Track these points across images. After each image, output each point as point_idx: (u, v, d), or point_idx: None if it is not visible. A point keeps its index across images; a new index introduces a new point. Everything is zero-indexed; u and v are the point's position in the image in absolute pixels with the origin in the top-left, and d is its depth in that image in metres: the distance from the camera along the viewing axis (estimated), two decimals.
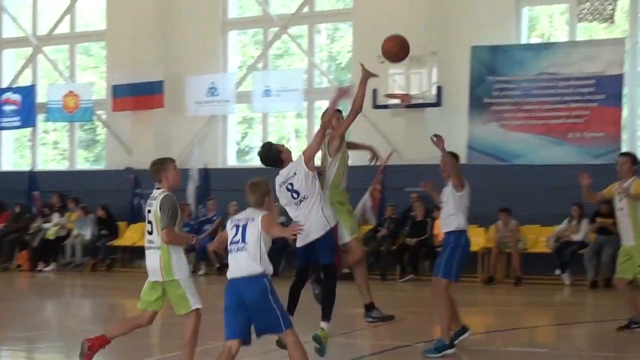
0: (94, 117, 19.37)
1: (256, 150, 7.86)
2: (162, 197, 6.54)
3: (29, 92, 19.68)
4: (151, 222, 6.54)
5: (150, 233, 6.55)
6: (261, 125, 18.53)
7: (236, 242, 5.98)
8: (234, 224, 6.07)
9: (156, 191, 6.64)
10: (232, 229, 6.06)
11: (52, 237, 17.79)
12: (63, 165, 20.38)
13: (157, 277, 6.50)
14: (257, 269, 5.90)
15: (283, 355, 6.40)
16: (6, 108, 19.75)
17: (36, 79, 20.38)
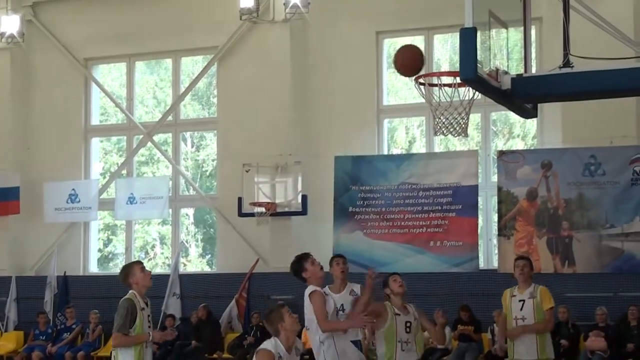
0: None
1: (120, 257, 7.86)
2: (120, 301, 6.70)
3: None
4: None
5: None
6: (125, 233, 18.22)
7: None
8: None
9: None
10: None
11: None
12: None
13: None
14: None
15: None
16: None
17: None
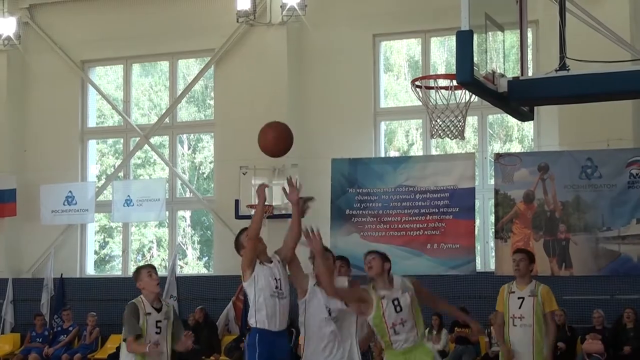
0: None
1: (117, 260, 7.82)
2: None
3: None
4: None
5: None
6: (121, 235, 18.19)
7: None
8: None
9: None
10: None
11: None
12: None
13: None
14: None
15: None
16: None
17: None
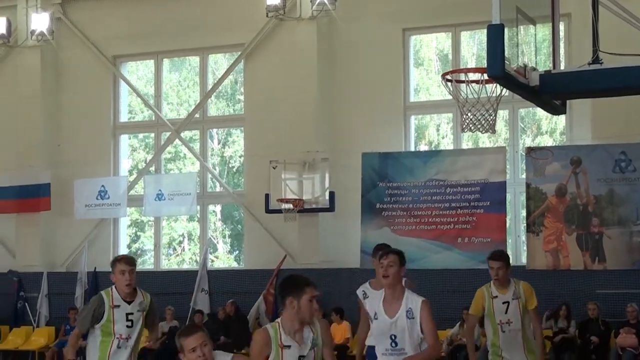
0: None
1: (148, 254, 7.76)
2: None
3: None
4: None
5: None
6: (153, 229, 18.31)
7: None
8: None
9: None
10: None
11: None
12: None
13: None
14: None
15: None
16: None
17: None
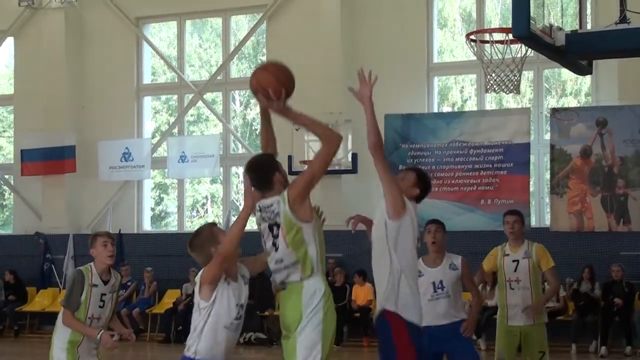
0: (0, 182, 19.02)
1: (172, 216, 7.65)
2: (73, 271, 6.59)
3: None
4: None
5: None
6: (176, 191, 18.43)
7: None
8: None
9: None
10: None
11: None
12: None
13: None
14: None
15: None
16: None
17: None
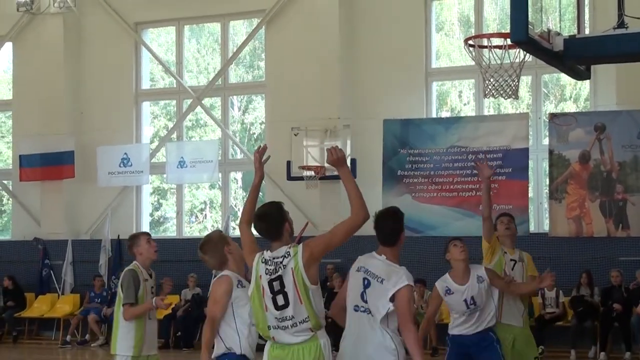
0: None
1: (170, 221, 7.84)
2: (123, 273, 6.76)
3: None
4: None
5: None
6: (175, 196, 18.41)
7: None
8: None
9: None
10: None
11: None
12: None
13: None
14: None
15: None
16: None
17: None
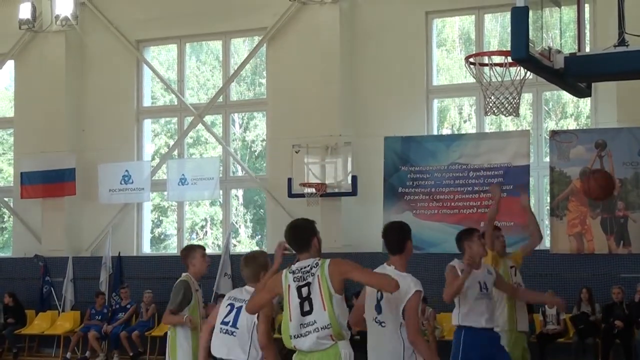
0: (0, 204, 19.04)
1: (171, 238, 7.97)
2: (176, 283, 7.03)
3: None
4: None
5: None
6: (176, 214, 18.40)
7: (226, 323, 5.68)
8: (229, 302, 5.78)
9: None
10: (226, 306, 5.74)
11: None
12: None
13: None
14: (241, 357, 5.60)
15: None
16: None
17: None
